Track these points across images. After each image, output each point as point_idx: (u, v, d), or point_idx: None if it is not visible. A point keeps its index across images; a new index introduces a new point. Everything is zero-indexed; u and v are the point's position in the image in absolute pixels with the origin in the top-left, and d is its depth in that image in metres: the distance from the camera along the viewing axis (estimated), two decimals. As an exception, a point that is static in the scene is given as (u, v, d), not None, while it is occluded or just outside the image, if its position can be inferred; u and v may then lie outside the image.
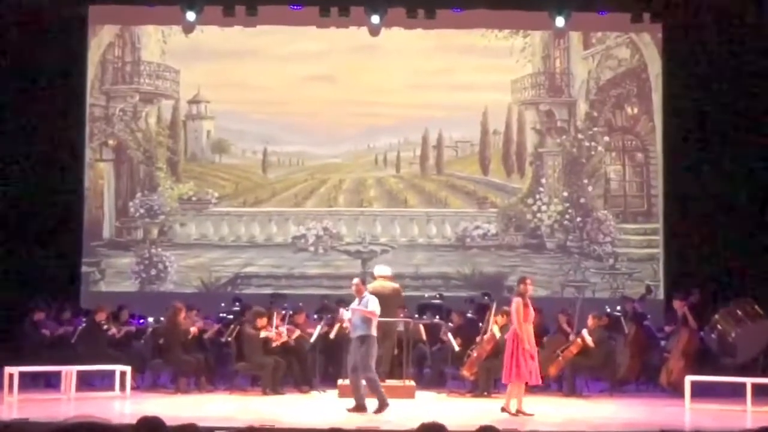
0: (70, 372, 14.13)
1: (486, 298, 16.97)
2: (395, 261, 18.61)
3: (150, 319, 16.35)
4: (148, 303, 17.50)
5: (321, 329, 15.19)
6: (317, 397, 14.64)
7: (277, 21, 19.06)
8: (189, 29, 19.21)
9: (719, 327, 15.26)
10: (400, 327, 14.75)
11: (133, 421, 6.00)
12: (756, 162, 18.16)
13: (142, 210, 19.40)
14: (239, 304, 17.09)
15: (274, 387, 14.64)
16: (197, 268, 19.35)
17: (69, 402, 13.73)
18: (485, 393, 14.59)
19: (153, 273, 19.24)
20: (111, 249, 19.30)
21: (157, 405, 13.03)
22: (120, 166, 19.61)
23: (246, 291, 18.90)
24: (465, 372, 14.75)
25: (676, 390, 14.54)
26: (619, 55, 19.57)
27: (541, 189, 19.45)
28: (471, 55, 19.36)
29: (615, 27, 19.45)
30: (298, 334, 15.24)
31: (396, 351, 14.82)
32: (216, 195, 19.58)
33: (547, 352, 14.94)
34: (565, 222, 19.32)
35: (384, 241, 19.45)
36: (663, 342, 15.95)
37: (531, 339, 12.78)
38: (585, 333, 15.01)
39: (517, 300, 12.84)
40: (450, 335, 15.32)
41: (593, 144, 19.44)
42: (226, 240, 19.56)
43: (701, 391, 13.97)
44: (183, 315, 15.14)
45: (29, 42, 18.23)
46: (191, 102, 19.67)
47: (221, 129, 19.67)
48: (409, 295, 16.69)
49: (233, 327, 15.41)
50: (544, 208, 19.41)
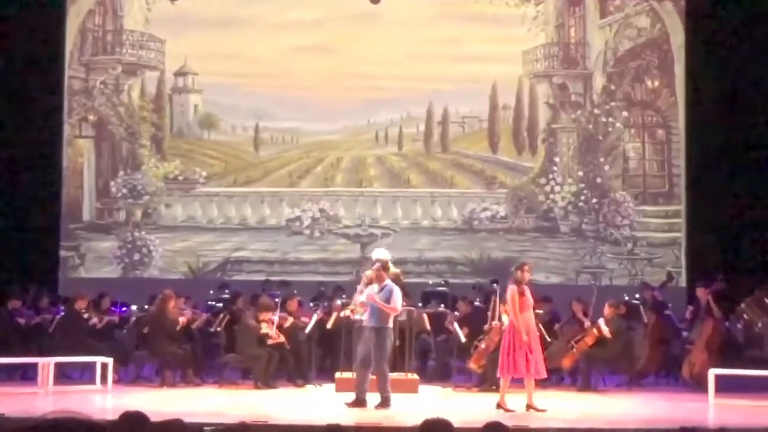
0: (47, 364, 14.10)
1: (494, 285, 16.91)
2: (397, 245, 18.60)
3: (133, 307, 16.34)
4: (131, 290, 17.48)
5: (317, 318, 15.16)
6: (313, 392, 14.63)
7: (271, -14, 19.08)
8: (175, -5, 19.21)
9: (745, 316, 15.31)
10: (402, 316, 14.71)
11: (115, 417, 5.97)
12: (786, 139, 18.15)
13: (124, 190, 19.38)
14: (228, 291, 17.08)
15: (266, 380, 14.62)
16: (184, 252, 19.36)
17: (46, 396, 13.69)
18: (493, 387, 14.51)
19: (136, 258, 19.25)
20: (91, 232, 19.31)
21: (141, 399, 13.02)
22: (101, 143, 19.60)
23: (236, 277, 18.90)
24: (472, 364, 14.74)
25: (699, 384, 14.54)
26: (639, 24, 19.52)
27: (555, 168, 19.42)
28: (479, 24, 19.31)
29: (635, -7, 19.45)
30: (291, 322, 15.18)
31: (398, 342, 14.79)
32: (204, 174, 19.58)
33: (561, 343, 14.96)
34: (580, 204, 19.30)
35: (385, 224, 19.45)
36: (685, 333, 15.96)
37: (531, 329, 12.59)
38: (601, 323, 14.99)
39: (512, 288, 12.65)
40: (456, 325, 15.31)
41: (610, 120, 19.39)
42: (215, 223, 19.55)
43: (726, 386, 13.93)
44: (173, 304, 15.12)
45: (1, 9, 18.15)
46: (177, 74, 19.63)
47: (210, 103, 19.66)
48: (412, 282, 16.66)
49: (223, 316, 15.39)
50: (557, 188, 19.38)
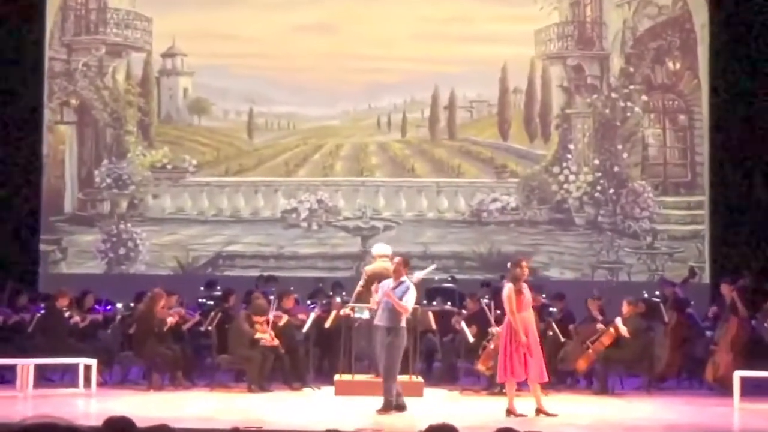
0: (26, 366, 14.09)
1: (504, 281, 16.94)
2: (400, 238, 18.62)
3: (118, 306, 16.34)
4: (116, 286, 17.49)
5: (315, 316, 15.17)
6: (310, 395, 14.63)
7: (265, -39, 19.08)
8: (163, -29, 19.23)
9: (773, 315, 15.29)
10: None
11: (99, 422, 5.95)
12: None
13: (109, 180, 19.39)
14: (219, 288, 17.06)
15: (260, 383, 14.62)
16: (172, 246, 19.38)
17: (25, 400, 13.70)
18: (503, 390, 14.54)
19: (122, 252, 19.25)
20: (73, 224, 19.32)
21: (127, 403, 13.00)
22: (83, 129, 19.60)
23: (229, 273, 18.90)
24: (480, 366, 14.72)
25: (723, 387, 14.55)
26: (660, 2, 19.50)
27: (569, 156, 19.41)
28: (488, 2, 19.34)
29: (655, -31, 19.44)
30: (286, 320, 15.17)
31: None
32: (194, 162, 19.58)
33: (576, 343, 14.94)
34: (596, 194, 19.29)
35: (387, 216, 19.45)
36: (708, 332, 15.96)
37: (531, 330, 12.50)
38: (619, 322, 14.98)
39: (509, 286, 12.55)
40: (463, 324, 15.30)
41: (629, 104, 19.38)
42: (205, 214, 19.56)
43: (752, 389, 13.98)
44: (162, 304, 15.08)
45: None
46: (165, 55, 19.63)
47: (200, 86, 19.66)
48: (417, 278, 16.66)
49: (214, 314, 15.38)
50: (572, 177, 19.37)
